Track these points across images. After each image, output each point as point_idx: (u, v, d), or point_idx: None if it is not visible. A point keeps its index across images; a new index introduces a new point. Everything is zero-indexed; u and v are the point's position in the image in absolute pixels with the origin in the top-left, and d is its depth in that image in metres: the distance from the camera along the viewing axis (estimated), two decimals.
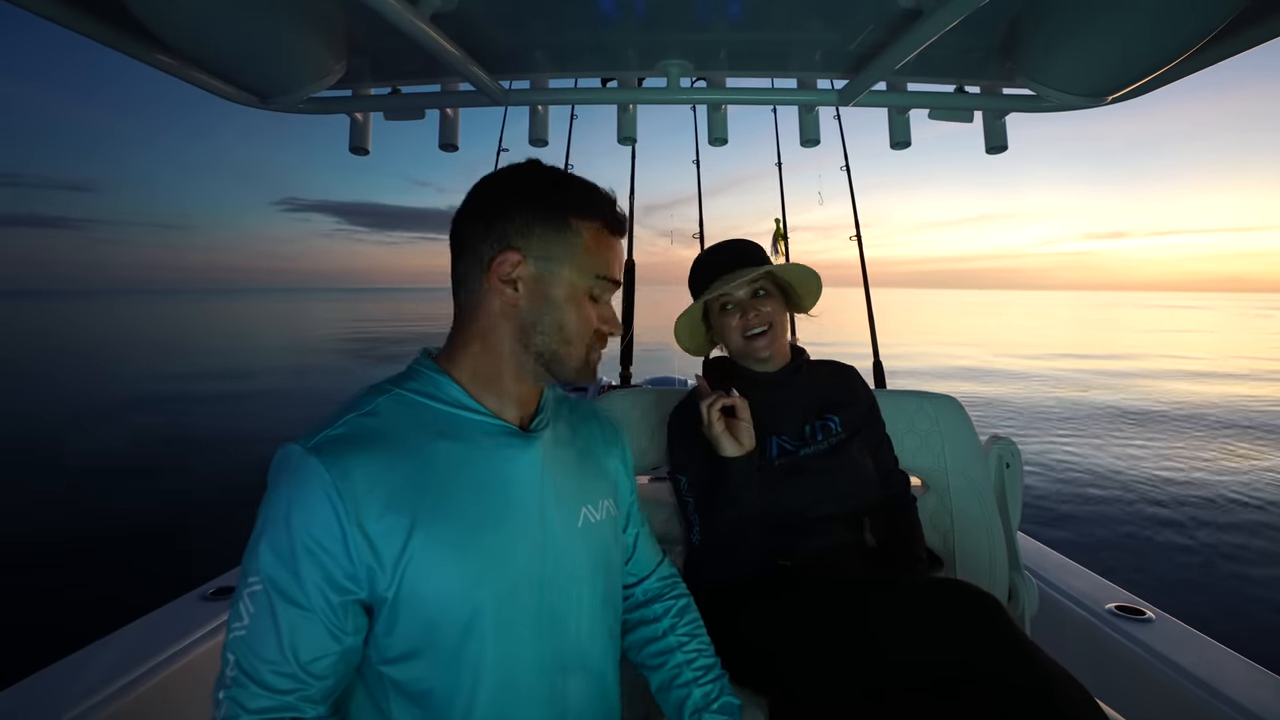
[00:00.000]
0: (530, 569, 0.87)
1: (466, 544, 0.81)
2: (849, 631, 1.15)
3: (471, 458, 0.86)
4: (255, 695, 0.76)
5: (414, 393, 0.88)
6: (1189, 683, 1.44)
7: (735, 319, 1.41)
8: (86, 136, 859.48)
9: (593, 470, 1.03)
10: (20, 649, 3.31)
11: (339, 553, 0.76)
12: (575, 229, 0.90)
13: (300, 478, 0.76)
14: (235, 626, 0.77)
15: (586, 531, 0.95)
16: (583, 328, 0.91)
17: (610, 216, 0.94)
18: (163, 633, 1.54)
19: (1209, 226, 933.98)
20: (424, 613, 0.80)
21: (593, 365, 0.95)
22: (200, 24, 1.28)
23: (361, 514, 0.76)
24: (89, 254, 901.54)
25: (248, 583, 0.77)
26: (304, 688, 0.77)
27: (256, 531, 0.78)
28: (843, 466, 1.41)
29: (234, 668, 0.77)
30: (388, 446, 0.81)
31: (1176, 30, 1.22)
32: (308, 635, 0.76)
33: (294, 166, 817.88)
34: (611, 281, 0.94)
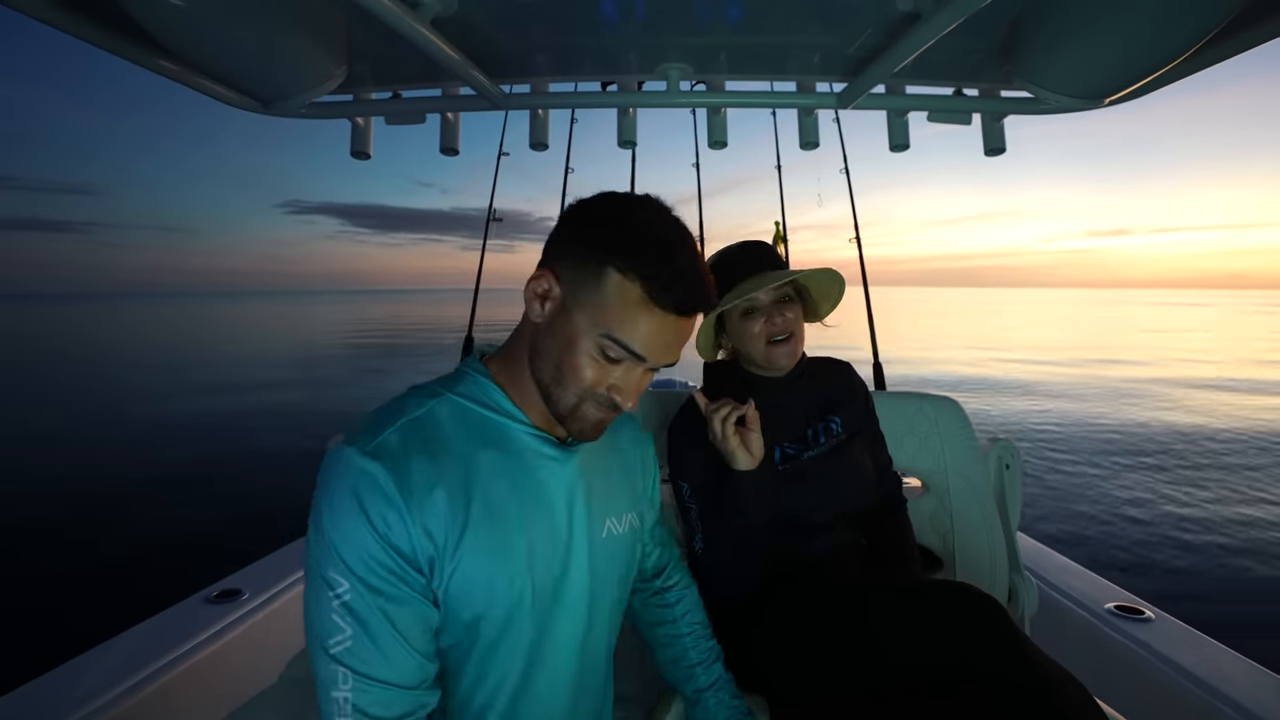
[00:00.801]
0: (560, 578, 0.90)
1: (508, 548, 0.84)
2: (850, 632, 1.15)
3: (513, 466, 0.88)
4: (388, 702, 0.76)
5: (463, 397, 0.89)
6: (1189, 682, 1.44)
7: (759, 324, 1.35)
8: (89, 140, 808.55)
9: (622, 482, 1.04)
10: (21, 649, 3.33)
11: (409, 548, 0.78)
12: (605, 275, 0.82)
13: (365, 481, 0.77)
14: (336, 640, 0.76)
15: (608, 543, 0.97)
16: (577, 378, 0.84)
17: (660, 282, 0.81)
18: (167, 635, 1.55)
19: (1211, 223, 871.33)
20: (466, 611, 0.83)
21: (587, 421, 0.87)
22: (201, 30, 1.28)
23: (424, 514, 0.79)
24: (92, 257, 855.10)
25: (335, 593, 0.76)
26: (425, 676, 0.80)
27: (323, 539, 0.77)
28: (844, 468, 1.41)
29: (350, 679, 0.76)
30: (440, 450, 0.83)
31: (1174, 33, 1.23)
32: (412, 619, 0.79)
33: (297, 169, 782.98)
34: (630, 354, 0.83)
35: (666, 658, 1.19)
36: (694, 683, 1.15)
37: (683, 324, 0.85)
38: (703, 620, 1.21)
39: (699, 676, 1.15)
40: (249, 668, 1.60)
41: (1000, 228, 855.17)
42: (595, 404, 0.86)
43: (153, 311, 58.91)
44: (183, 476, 6.97)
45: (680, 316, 0.84)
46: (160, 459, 7.77)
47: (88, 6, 1.29)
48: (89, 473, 7.21)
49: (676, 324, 0.84)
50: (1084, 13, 1.28)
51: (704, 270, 0.86)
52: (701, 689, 1.15)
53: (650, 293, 0.81)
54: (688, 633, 1.18)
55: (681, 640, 1.18)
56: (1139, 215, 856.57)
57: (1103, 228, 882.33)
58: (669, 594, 1.20)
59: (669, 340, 0.84)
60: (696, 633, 1.19)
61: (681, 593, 1.21)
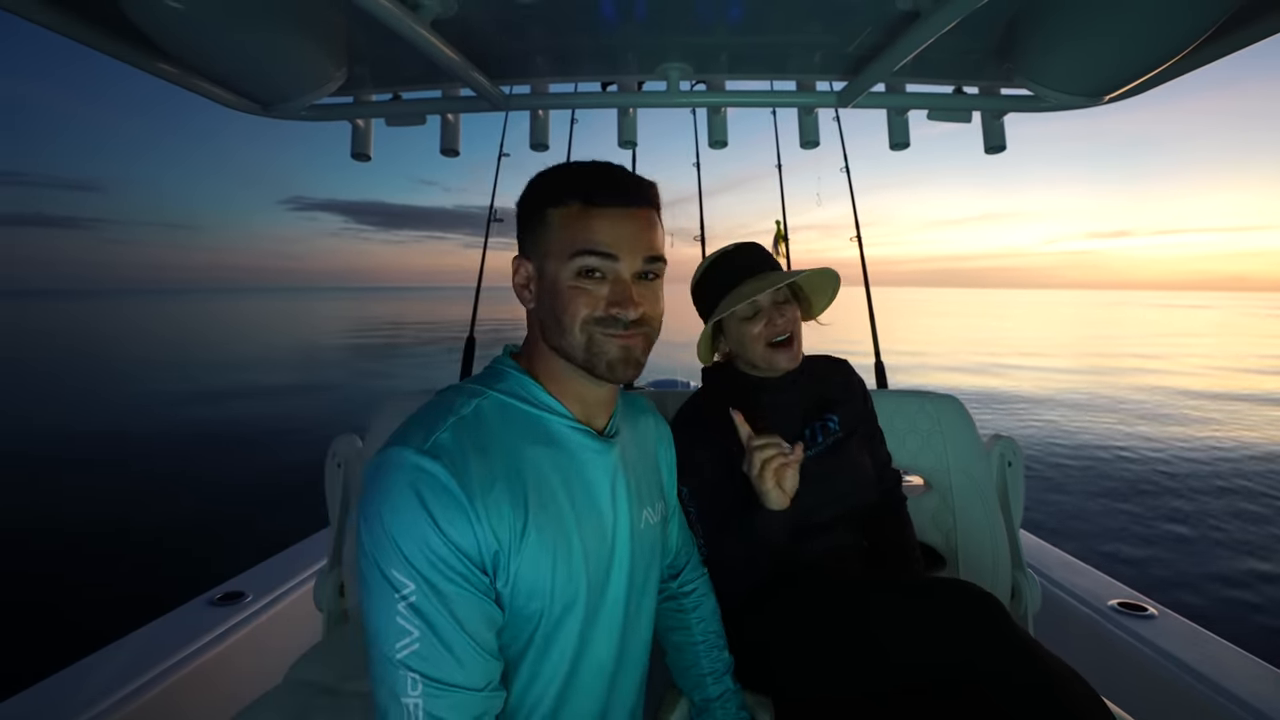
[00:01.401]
0: (605, 570, 0.91)
1: (565, 542, 0.85)
2: (851, 632, 1.15)
3: (561, 460, 0.89)
4: (461, 705, 0.75)
5: (506, 394, 0.90)
6: (1191, 678, 1.44)
7: (759, 326, 1.34)
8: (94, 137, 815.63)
9: (651, 473, 1.06)
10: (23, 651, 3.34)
11: (474, 546, 0.78)
12: (547, 219, 0.88)
13: (423, 480, 0.76)
14: (403, 644, 0.74)
15: (646, 533, 0.99)
16: (574, 311, 0.85)
17: (587, 189, 0.86)
18: (170, 638, 1.55)
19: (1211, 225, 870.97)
20: (529, 609, 0.83)
21: (608, 353, 0.87)
22: (201, 33, 1.28)
23: (488, 512, 0.78)
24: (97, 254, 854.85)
25: (400, 594, 0.75)
26: (493, 677, 0.79)
27: (386, 539, 0.76)
28: (842, 466, 1.40)
29: (420, 684, 0.74)
30: (493, 448, 0.83)
31: (1172, 30, 1.23)
32: (480, 618, 0.78)
33: (301, 166, 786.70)
34: (597, 254, 0.85)
35: (677, 662, 1.20)
36: (703, 691, 1.16)
37: (630, 215, 0.87)
38: (717, 630, 1.21)
39: (709, 686, 1.16)
40: (252, 670, 1.60)
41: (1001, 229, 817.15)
42: (603, 330, 0.86)
43: (157, 308, 58.89)
44: (184, 477, 6.98)
45: (622, 208, 0.87)
46: (161, 459, 7.78)
47: (87, 9, 1.29)
48: (90, 472, 7.22)
49: (624, 215, 0.87)
50: (1083, 10, 1.28)
51: (630, 172, 0.90)
52: (710, 699, 1.15)
53: (586, 199, 0.86)
54: (701, 641, 1.18)
55: (695, 648, 1.18)
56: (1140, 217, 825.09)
57: (1103, 229, 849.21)
58: (686, 599, 1.20)
59: (625, 231, 0.86)
60: (710, 642, 1.19)
61: (699, 600, 1.21)
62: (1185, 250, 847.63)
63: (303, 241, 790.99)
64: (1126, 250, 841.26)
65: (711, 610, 1.22)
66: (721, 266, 1.41)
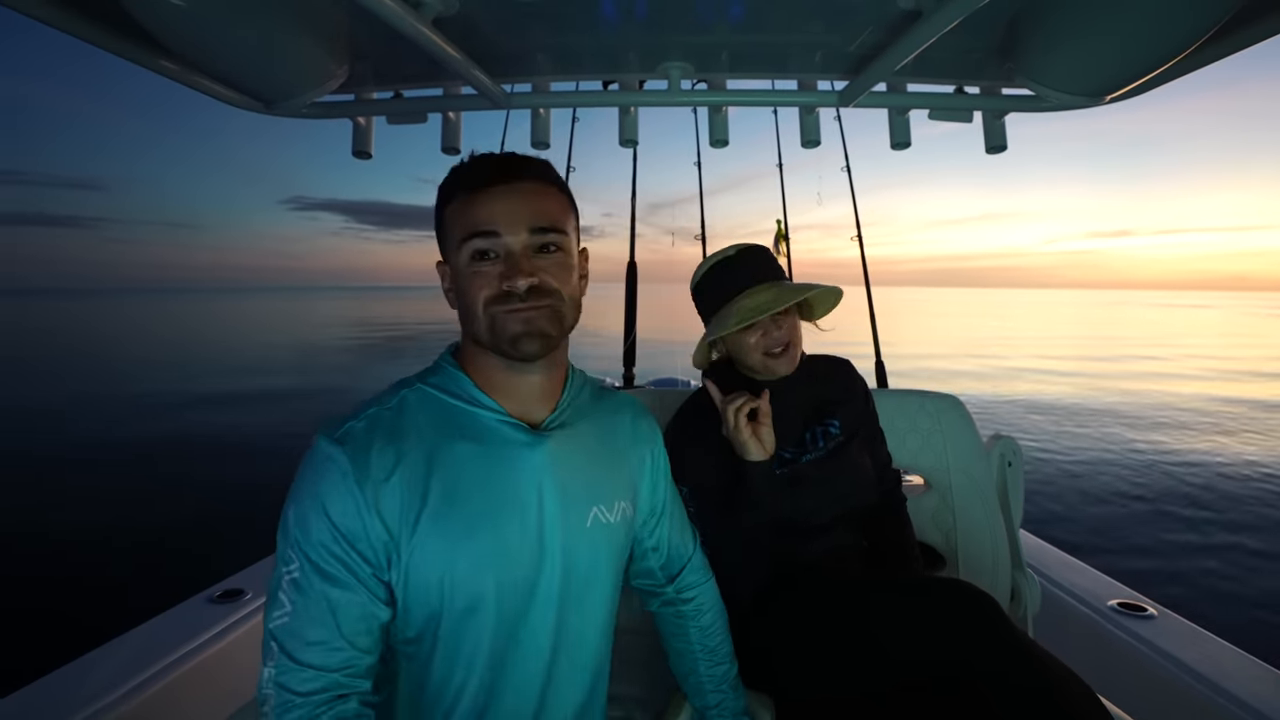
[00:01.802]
0: (531, 566, 0.89)
1: (468, 536, 0.84)
2: (850, 632, 1.16)
3: (480, 454, 0.88)
4: (306, 679, 0.78)
5: (434, 388, 0.91)
6: (1191, 679, 1.44)
7: (756, 337, 1.35)
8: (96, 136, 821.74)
9: (613, 470, 1.01)
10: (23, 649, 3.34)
11: (361, 535, 0.80)
12: (445, 218, 0.90)
13: (326, 466, 0.81)
14: (277, 615, 0.80)
15: (596, 531, 0.95)
16: (473, 296, 0.87)
17: (467, 179, 0.89)
18: (170, 636, 1.55)
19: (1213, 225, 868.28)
20: (427, 599, 0.84)
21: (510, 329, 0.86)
22: (203, 30, 1.28)
23: (379, 500, 0.81)
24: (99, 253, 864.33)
25: (286, 570, 0.80)
26: (351, 664, 0.80)
27: (285, 518, 0.82)
28: (842, 469, 1.40)
29: (279, 655, 0.78)
30: (405, 438, 0.85)
31: (1174, 30, 1.23)
32: (351, 608, 0.80)
33: (302, 166, 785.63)
34: (480, 234, 0.86)
35: (677, 668, 1.19)
36: (701, 699, 1.16)
37: (509, 190, 0.88)
38: (720, 641, 1.18)
39: (706, 695, 1.15)
40: (252, 667, 1.59)
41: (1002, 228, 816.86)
42: (502, 308, 0.86)
43: (159, 307, 58.84)
44: (184, 475, 6.98)
45: (501, 185, 0.88)
46: (160, 457, 7.78)
47: (89, 6, 1.29)
48: (90, 471, 7.22)
49: (503, 192, 0.88)
50: (1084, 10, 1.28)
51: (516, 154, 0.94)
52: (708, 706, 1.15)
53: (464, 189, 0.88)
54: (699, 651, 1.16)
55: (693, 657, 1.16)
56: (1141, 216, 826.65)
57: (1104, 229, 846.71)
58: (684, 606, 1.17)
59: (504, 206, 0.87)
60: (710, 650, 1.16)
61: (698, 609, 1.17)
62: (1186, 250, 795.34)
63: (304, 241, 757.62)
64: (1128, 250, 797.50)
65: (713, 621, 1.18)
66: (721, 272, 1.40)
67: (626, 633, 1.61)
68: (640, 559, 1.15)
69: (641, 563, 1.15)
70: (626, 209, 3.70)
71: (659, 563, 1.15)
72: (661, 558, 1.15)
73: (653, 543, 1.14)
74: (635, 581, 1.19)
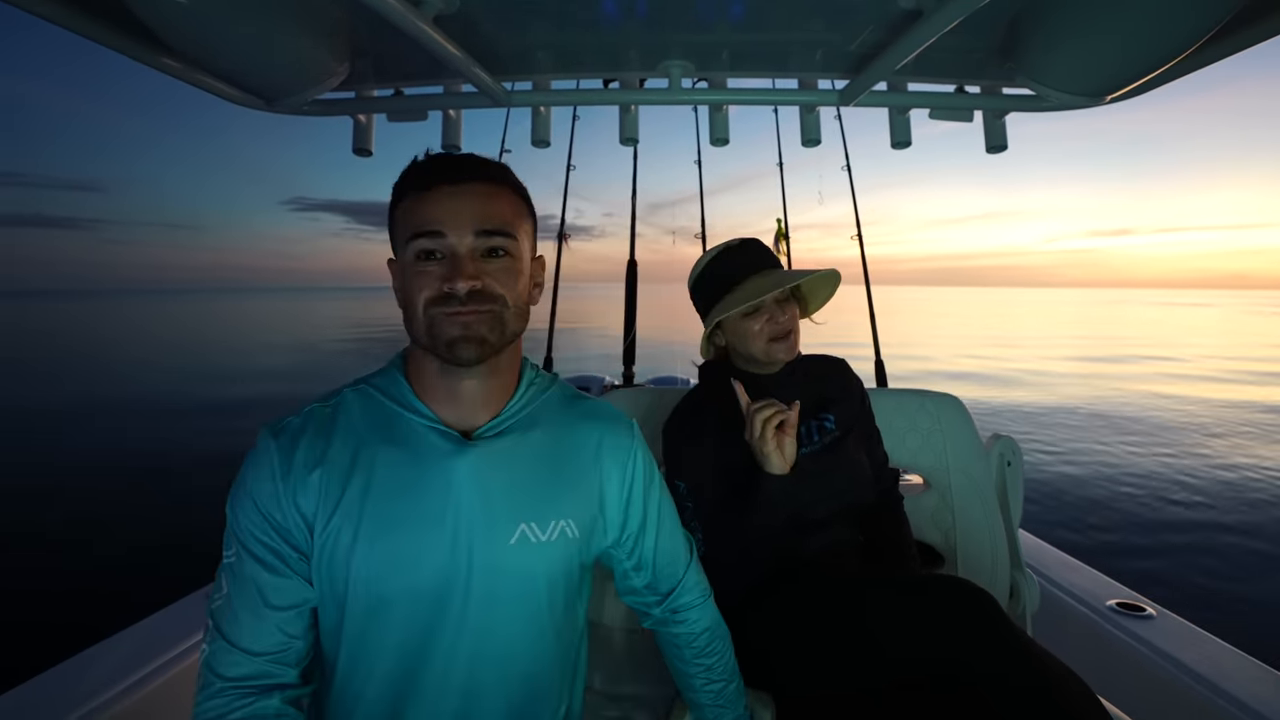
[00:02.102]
0: (442, 577, 0.87)
1: (377, 538, 0.85)
2: (848, 629, 1.16)
3: (401, 459, 0.88)
4: (234, 662, 0.81)
5: (375, 389, 0.93)
6: (1190, 679, 1.44)
7: (761, 323, 1.35)
8: (95, 136, 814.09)
9: (557, 486, 0.95)
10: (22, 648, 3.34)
11: (283, 522, 0.85)
12: (395, 216, 0.90)
13: (258, 458, 0.86)
14: (216, 597, 0.85)
15: (524, 550, 0.90)
16: (414, 298, 0.86)
17: (418, 178, 0.87)
18: (168, 632, 1.55)
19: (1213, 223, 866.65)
20: (334, 593, 0.86)
21: (447, 331, 0.84)
22: (203, 27, 1.28)
23: (298, 493, 0.85)
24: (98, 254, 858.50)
25: (226, 555, 0.86)
26: (280, 650, 0.84)
27: (227, 508, 0.87)
28: (838, 465, 1.41)
29: (213, 633, 0.83)
30: (334, 436, 0.88)
31: (1175, 30, 1.23)
32: (280, 592, 0.84)
33: (302, 166, 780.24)
34: (425, 234, 0.84)
35: (675, 679, 1.17)
36: (699, 712, 1.14)
37: (458, 190, 0.86)
38: (715, 663, 1.12)
39: (705, 710, 1.13)
40: None
41: (1002, 227, 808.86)
42: (441, 309, 0.85)
43: (159, 308, 58.88)
44: (184, 474, 6.99)
45: (450, 185, 0.86)
46: (160, 457, 7.79)
47: (91, 3, 1.29)
48: (92, 471, 7.23)
49: (452, 192, 0.86)
50: (1085, 10, 1.28)
51: (469, 155, 0.93)
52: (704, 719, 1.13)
53: (414, 188, 0.87)
54: (695, 671, 1.11)
55: (689, 675, 1.12)
56: (1142, 215, 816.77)
57: (1105, 228, 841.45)
58: (677, 629, 1.10)
59: (451, 207, 0.85)
60: (707, 669, 1.11)
61: (691, 632, 1.10)
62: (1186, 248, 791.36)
63: (305, 242, 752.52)
64: (1128, 248, 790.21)
65: (709, 642, 1.11)
66: (723, 262, 1.41)
67: (625, 632, 1.61)
68: (622, 577, 1.09)
69: (625, 581, 1.10)
70: (627, 208, 3.70)
71: (644, 582, 1.08)
72: (646, 577, 1.08)
73: (633, 562, 1.06)
74: (623, 598, 1.14)
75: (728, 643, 1.15)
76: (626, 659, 1.53)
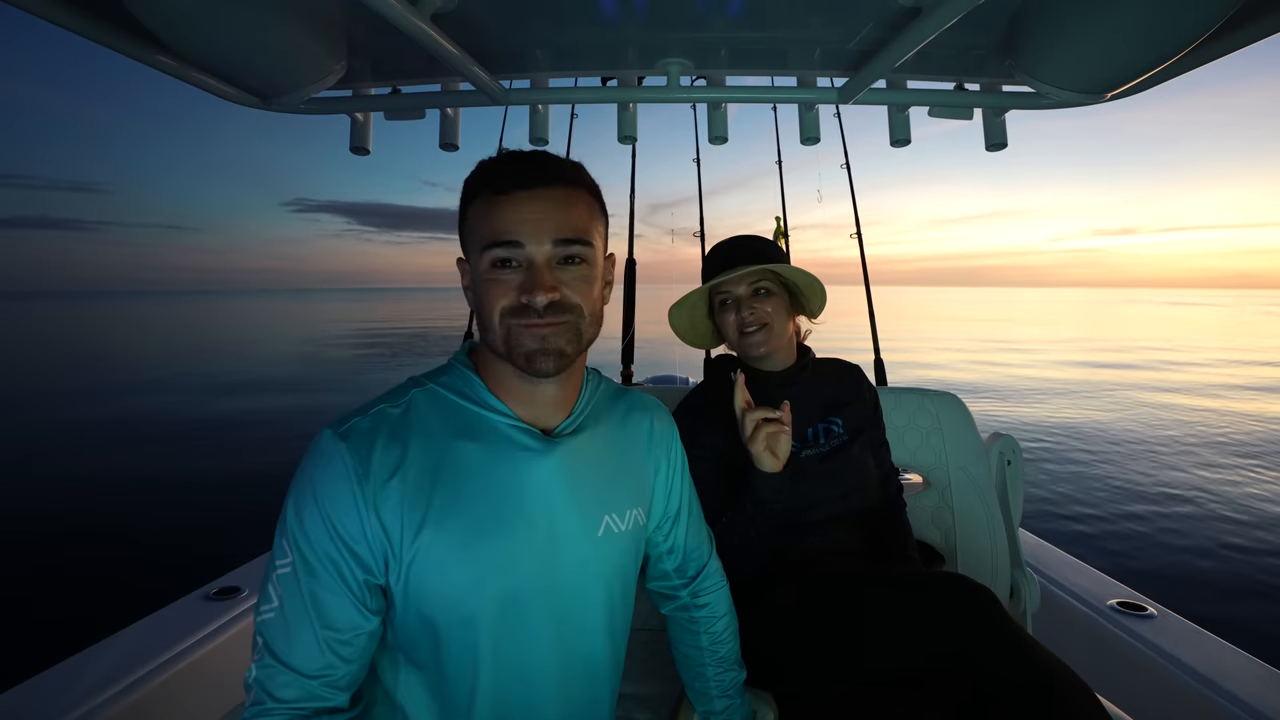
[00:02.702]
0: (537, 576, 0.86)
1: (470, 546, 0.82)
2: (848, 627, 1.16)
3: (488, 459, 0.86)
4: (285, 683, 0.77)
5: (445, 388, 0.89)
6: (1191, 678, 1.44)
7: (732, 315, 1.41)
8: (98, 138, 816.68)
9: (626, 477, 0.99)
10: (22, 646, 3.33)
11: (358, 535, 0.78)
12: (468, 216, 0.87)
13: (327, 461, 0.79)
14: (265, 609, 0.79)
15: (608, 541, 0.93)
16: (490, 306, 0.84)
17: (494, 179, 0.85)
18: (166, 632, 1.55)
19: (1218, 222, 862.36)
20: (426, 607, 0.82)
21: (526, 344, 0.84)
22: (199, 25, 1.27)
23: (379, 502, 0.79)
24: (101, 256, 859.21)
25: (277, 565, 0.79)
26: (331, 670, 0.78)
27: (286, 513, 0.80)
28: (843, 468, 1.41)
29: (263, 651, 0.78)
30: (411, 439, 0.83)
31: (1175, 27, 1.22)
32: (337, 611, 0.78)
33: (303, 168, 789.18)
34: (502, 244, 0.83)
35: (684, 672, 1.18)
36: (708, 704, 1.14)
37: (535, 197, 0.84)
38: (727, 653, 1.16)
39: (714, 701, 1.14)
40: (248, 664, 1.59)
41: (1005, 227, 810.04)
42: (518, 321, 0.83)
43: (163, 309, 58.92)
44: (183, 474, 6.98)
45: (526, 190, 0.84)
46: (159, 456, 7.78)
47: (87, 2, 1.28)
48: (90, 470, 7.22)
49: (528, 199, 0.84)
50: (1085, 7, 1.28)
51: (547, 154, 0.89)
52: (714, 712, 1.14)
53: (494, 189, 0.84)
54: (710, 659, 1.14)
55: (702, 664, 1.15)
56: (1146, 214, 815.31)
57: (1108, 227, 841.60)
58: (698, 612, 1.15)
59: (529, 215, 0.83)
60: (721, 658, 1.15)
61: (712, 615, 1.15)
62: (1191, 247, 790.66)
63: (306, 243, 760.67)
64: (1132, 248, 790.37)
65: (725, 628, 1.16)
66: (712, 255, 1.48)
67: (630, 631, 1.61)
68: (656, 562, 1.13)
69: (657, 565, 1.13)
70: (626, 207, 3.69)
71: (674, 565, 1.14)
72: (677, 560, 1.13)
73: (668, 545, 1.12)
74: (651, 584, 1.17)
75: (736, 631, 1.19)
76: (628, 658, 1.53)
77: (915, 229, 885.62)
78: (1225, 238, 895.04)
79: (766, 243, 1.47)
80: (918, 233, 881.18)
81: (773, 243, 1.48)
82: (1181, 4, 1.18)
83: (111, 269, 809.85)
